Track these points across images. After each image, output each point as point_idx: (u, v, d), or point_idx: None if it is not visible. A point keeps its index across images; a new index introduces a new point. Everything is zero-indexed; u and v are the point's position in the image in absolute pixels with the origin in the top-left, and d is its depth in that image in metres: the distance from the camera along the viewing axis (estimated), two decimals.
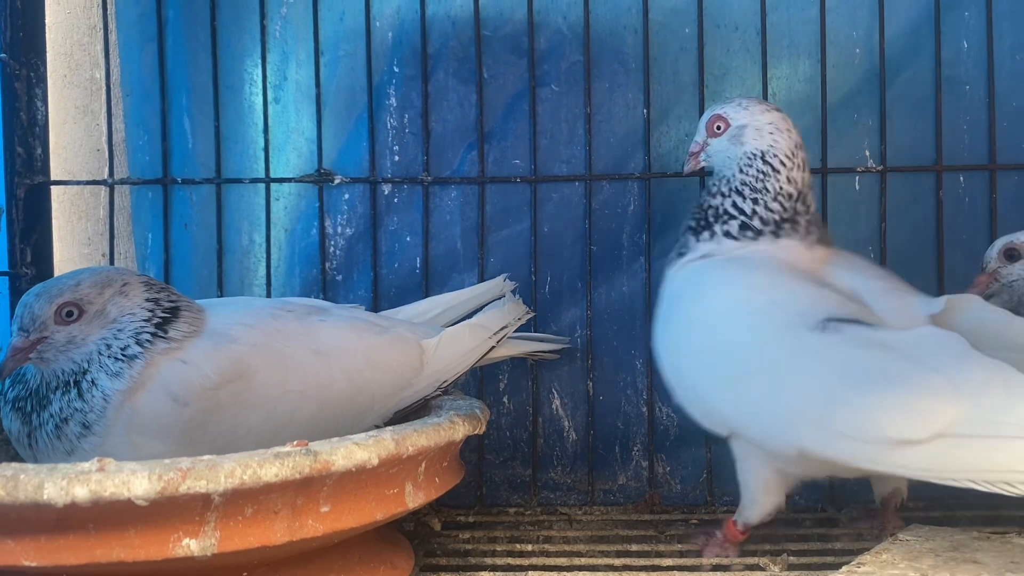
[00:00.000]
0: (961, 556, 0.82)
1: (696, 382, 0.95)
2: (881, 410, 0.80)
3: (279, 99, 1.27)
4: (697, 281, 0.99)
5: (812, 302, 0.90)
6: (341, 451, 0.70)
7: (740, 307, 0.93)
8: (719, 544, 1.00)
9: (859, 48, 1.23)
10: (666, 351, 0.98)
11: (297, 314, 0.98)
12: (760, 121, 1.02)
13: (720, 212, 1.01)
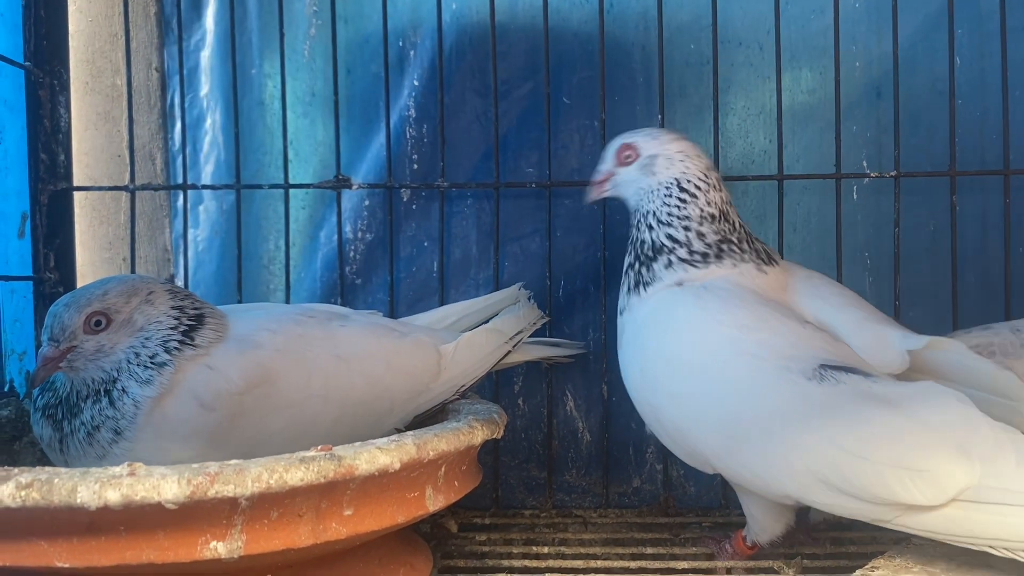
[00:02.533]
0: (975, 560, 0.83)
1: (680, 422, 0.91)
2: (892, 474, 0.78)
3: (308, 114, 1.30)
4: (672, 313, 0.95)
5: (802, 345, 0.88)
6: (364, 455, 0.71)
7: (728, 347, 0.89)
8: (728, 556, 1.00)
9: (858, 62, 1.26)
10: (642, 385, 0.95)
11: (318, 320, 0.99)
12: (670, 150, 1.01)
13: (658, 246, 0.99)
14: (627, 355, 0.97)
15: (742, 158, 1.28)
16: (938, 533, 0.78)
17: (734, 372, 0.88)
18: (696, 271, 0.97)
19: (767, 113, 1.27)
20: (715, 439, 0.88)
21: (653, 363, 0.93)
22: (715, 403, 0.88)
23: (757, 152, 1.28)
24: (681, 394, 0.91)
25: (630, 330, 0.98)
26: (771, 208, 1.23)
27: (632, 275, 1.00)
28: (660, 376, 0.93)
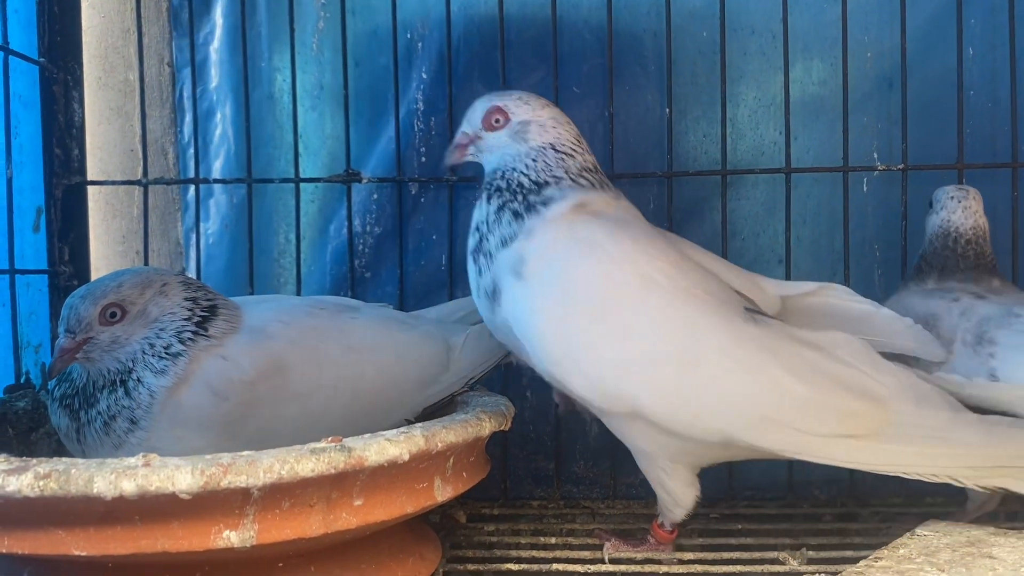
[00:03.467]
0: (977, 551, 0.83)
1: (598, 361, 0.87)
2: (829, 407, 0.85)
3: (316, 107, 1.31)
4: (583, 248, 0.90)
5: (722, 288, 0.92)
6: (374, 447, 0.72)
7: (655, 286, 0.88)
8: (653, 548, 0.98)
9: (870, 52, 1.25)
10: (546, 320, 0.88)
11: (329, 312, 1.01)
12: (542, 116, 0.98)
13: (542, 181, 0.94)
14: (532, 302, 0.89)
15: (752, 150, 1.28)
16: (859, 463, 0.87)
17: (675, 312, 0.87)
18: (588, 196, 0.94)
19: (779, 104, 1.27)
20: (639, 376, 0.86)
21: (573, 305, 0.88)
22: (643, 340, 0.87)
23: (767, 144, 1.28)
24: (600, 332, 0.87)
25: (533, 274, 0.89)
26: (781, 200, 1.24)
27: (507, 218, 0.93)
28: (574, 312, 0.88)
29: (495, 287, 0.92)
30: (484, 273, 0.94)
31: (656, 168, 1.27)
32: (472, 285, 0.97)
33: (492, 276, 0.93)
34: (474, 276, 0.96)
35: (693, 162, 1.27)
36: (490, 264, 0.93)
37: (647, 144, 1.28)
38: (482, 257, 0.94)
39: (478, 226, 0.96)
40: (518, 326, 0.90)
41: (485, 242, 0.94)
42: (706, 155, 1.28)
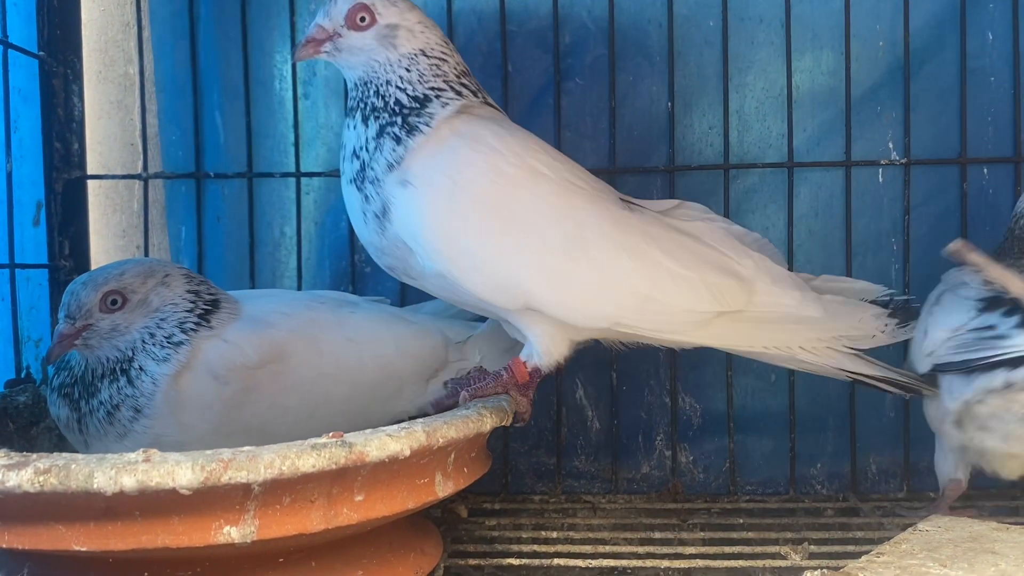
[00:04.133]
0: (979, 547, 0.83)
1: (493, 254, 0.89)
2: (704, 285, 0.92)
3: (308, 95, 1.29)
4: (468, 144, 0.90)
5: (597, 179, 0.96)
6: (375, 442, 0.72)
7: (541, 177, 0.91)
8: (502, 384, 0.94)
9: (882, 41, 1.23)
10: (439, 219, 0.88)
11: (329, 305, 1.02)
12: (410, 20, 0.94)
13: (421, 96, 0.92)
14: (423, 205, 0.89)
15: (759, 142, 1.26)
16: (727, 342, 0.96)
17: (561, 201, 0.91)
18: (468, 103, 0.94)
19: (787, 95, 1.25)
20: (546, 271, 0.89)
21: (465, 201, 0.89)
22: (544, 234, 0.89)
23: (775, 136, 1.26)
24: (493, 227, 0.89)
25: (421, 178, 0.89)
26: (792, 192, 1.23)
27: (389, 144, 0.91)
28: (475, 213, 0.89)
29: (385, 207, 0.90)
30: (372, 199, 0.91)
31: (659, 162, 1.26)
32: (354, 211, 0.94)
33: (382, 200, 0.90)
34: (358, 203, 0.93)
35: (699, 155, 1.27)
36: (379, 190, 0.91)
37: (651, 137, 1.27)
38: (368, 185, 0.91)
39: (356, 152, 0.93)
40: (410, 233, 0.89)
41: (369, 169, 0.91)
42: (711, 148, 1.27)
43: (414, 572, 0.86)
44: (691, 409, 1.27)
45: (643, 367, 1.27)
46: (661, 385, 1.27)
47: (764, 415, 1.25)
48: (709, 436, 1.26)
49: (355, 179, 0.93)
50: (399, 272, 0.95)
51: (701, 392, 1.26)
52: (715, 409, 1.26)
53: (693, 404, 1.27)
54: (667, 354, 1.26)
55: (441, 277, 0.90)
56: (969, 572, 0.77)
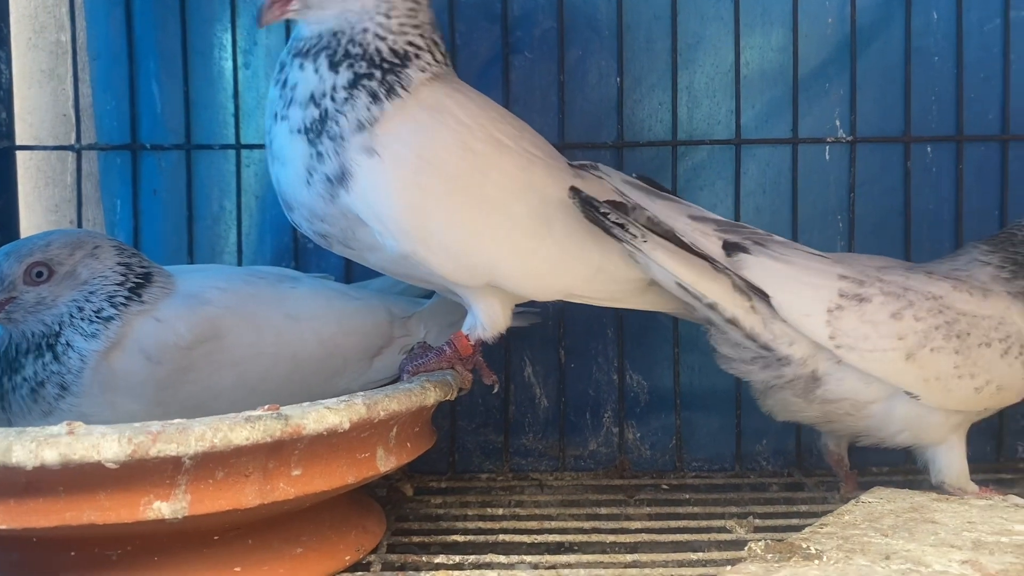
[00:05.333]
0: (920, 517, 0.84)
1: (459, 232, 0.87)
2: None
3: (249, 64, 1.25)
4: (435, 116, 0.87)
5: (550, 147, 0.96)
6: (312, 415, 0.70)
7: (506, 150, 0.89)
8: (446, 359, 0.93)
9: (831, 18, 1.23)
10: (405, 194, 0.85)
11: (268, 281, 1.00)
12: None
13: (401, 52, 0.87)
14: (390, 179, 0.84)
15: (708, 119, 1.25)
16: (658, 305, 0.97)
17: (525, 174, 0.90)
18: (440, 69, 0.90)
19: (736, 72, 1.24)
20: (513, 247, 0.89)
21: (432, 176, 0.86)
22: (510, 208, 0.88)
23: (724, 113, 1.25)
24: (473, 204, 0.87)
25: (387, 149, 0.84)
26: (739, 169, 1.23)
27: (363, 99, 0.85)
28: (442, 189, 0.86)
29: (343, 171, 0.83)
30: (328, 159, 0.83)
31: (609, 137, 1.25)
32: (293, 167, 0.85)
33: (341, 162, 0.83)
34: (303, 159, 0.84)
35: (648, 131, 1.25)
36: (340, 149, 0.83)
37: (600, 112, 1.25)
38: (326, 140, 0.83)
39: (316, 98, 0.84)
40: (374, 211, 0.84)
41: (332, 123, 0.84)
42: (661, 124, 1.26)
43: (355, 549, 0.84)
44: (638, 386, 1.26)
45: (591, 344, 1.26)
46: (609, 362, 1.26)
47: (711, 392, 1.25)
48: (656, 413, 1.26)
49: (308, 129, 0.84)
50: (334, 240, 0.89)
51: (648, 369, 1.26)
52: (662, 386, 1.26)
53: (640, 381, 1.26)
54: (615, 332, 1.26)
55: (404, 256, 0.87)
56: (910, 541, 0.78)
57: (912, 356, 0.91)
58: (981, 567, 0.71)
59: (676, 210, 0.93)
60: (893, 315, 0.91)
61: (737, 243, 0.91)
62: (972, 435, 1.21)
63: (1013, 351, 0.94)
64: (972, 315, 0.93)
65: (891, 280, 0.94)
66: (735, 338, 0.93)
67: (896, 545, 0.76)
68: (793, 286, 0.90)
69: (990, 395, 0.94)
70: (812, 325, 0.90)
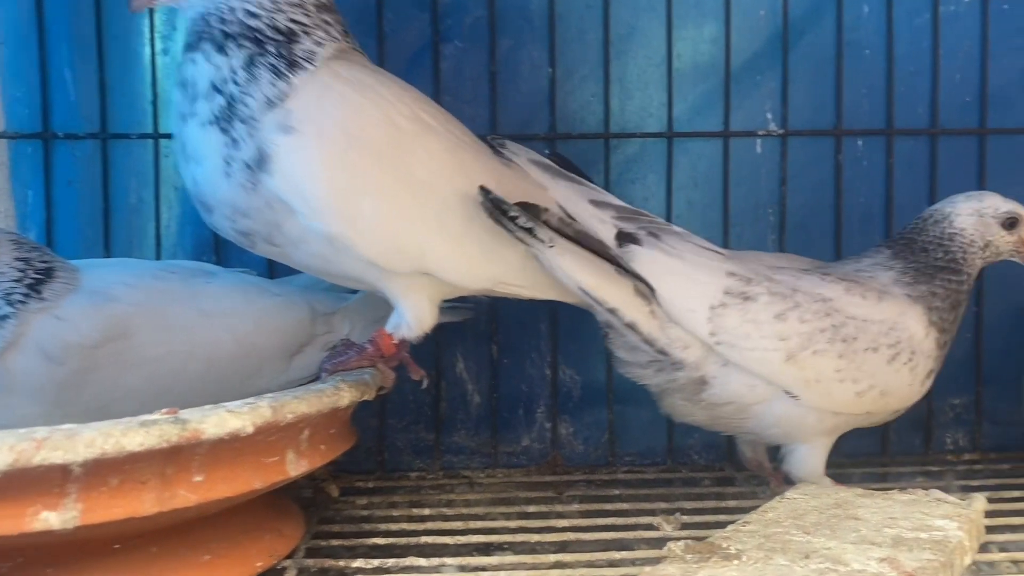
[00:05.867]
0: (843, 513, 0.84)
1: (389, 213, 0.84)
2: None
3: (168, 50, 1.21)
4: (358, 92, 0.84)
5: (471, 132, 0.94)
6: (213, 419, 0.67)
7: (432, 130, 0.87)
8: (367, 357, 0.90)
9: (763, 11, 1.23)
10: (331, 174, 0.82)
11: (181, 275, 0.96)
12: None
13: (284, 29, 0.83)
14: (313, 158, 0.82)
15: (640, 111, 1.24)
16: None
17: (452, 156, 0.88)
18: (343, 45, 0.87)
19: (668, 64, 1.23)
20: (443, 230, 0.86)
21: (359, 154, 0.83)
22: (440, 190, 0.86)
23: (656, 105, 1.23)
24: (402, 185, 0.85)
25: (307, 126, 0.81)
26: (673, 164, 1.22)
27: (266, 75, 0.82)
28: (370, 168, 0.83)
29: (262, 154, 0.81)
30: (243, 143, 0.81)
31: (541, 129, 1.23)
32: (210, 161, 0.82)
33: (257, 144, 0.80)
34: (220, 150, 0.81)
35: (580, 123, 1.24)
36: (254, 131, 0.81)
37: (533, 104, 1.23)
38: (239, 125, 0.81)
39: (217, 86, 0.82)
40: (299, 190, 0.81)
41: (241, 105, 0.81)
42: (593, 116, 1.24)
43: (268, 555, 0.82)
44: (571, 381, 1.25)
45: (524, 340, 1.25)
46: (542, 357, 1.25)
47: (643, 386, 1.24)
48: (589, 408, 1.25)
49: (218, 118, 0.81)
50: (259, 239, 0.86)
51: (582, 364, 1.25)
52: (595, 381, 1.24)
53: (574, 376, 1.25)
54: (549, 326, 1.24)
55: (330, 241, 0.83)
56: (831, 539, 0.77)
57: (793, 357, 0.91)
58: (898, 565, 0.71)
59: (578, 193, 0.92)
60: (777, 315, 0.91)
61: (630, 233, 0.90)
62: (901, 427, 1.23)
63: (902, 357, 0.93)
64: (862, 319, 0.93)
65: (781, 280, 0.93)
66: (633, 342, 0.92)
67: (817, 543, 0.76)
68: (679, 281, 0.90)
69: (873, 400, 0.94)
70: (694, 321, 0.90)
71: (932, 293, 0.95)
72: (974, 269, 0.98)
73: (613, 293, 0.89)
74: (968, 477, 1.18)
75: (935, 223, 0.98)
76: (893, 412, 0.98)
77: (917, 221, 1.00)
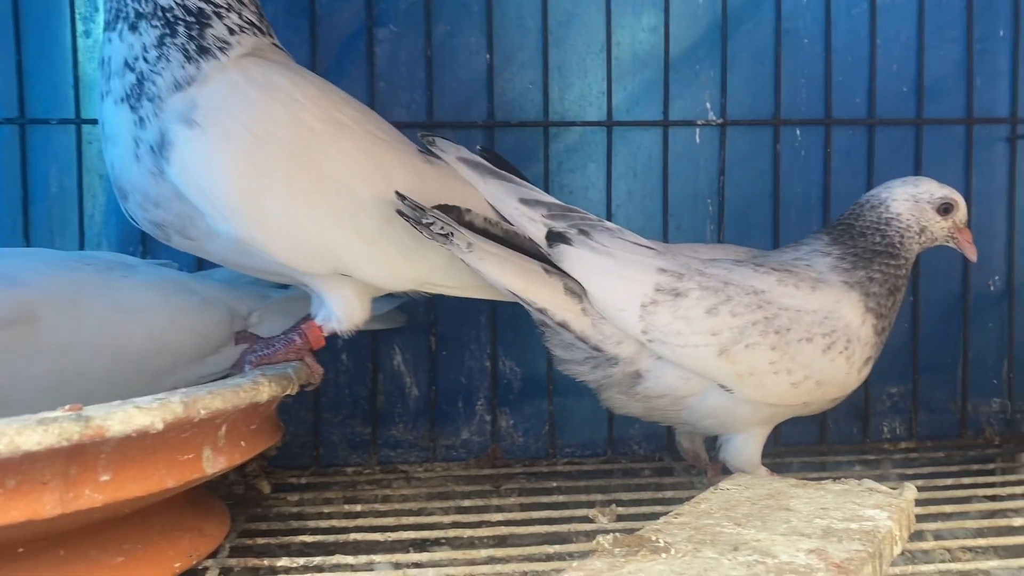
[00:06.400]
0: (776, 503, 0.83)
1: (301, 214, 0.82)
2: None
3: (90, 33, 1.16)
4: (267, 92, 0.83)
5: (395, 130, 0.92)
6: (119, 415, 0.64)
7: (346, 129, 0.85)
8: (294, 349, 0.88)
9: None
10: (237, 174, 0.80)
11: (97, 267, 0.93)
12: None
13: (206, 12, 0.83)
14: (217, 155, 0.80)
15: (579, 100, 1.23)
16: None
17: (368, 156, 0.86)
18: (261, 42, 0.86)
19: (607, 52, 1.22)
20: (358, 230, 0.85)
21: (267, 154, 0.81)
22: (354, 191, 0.84)
23: (595, 94, 1.23)
24: (314, 186, 0.83)
25: (211, 121, 0.80)
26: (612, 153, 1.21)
27: (176, 56, 0.81)
28: (280, 169, 0.81)
29: (163, 139, 0.79)
30: (149, 123, 0.80)
31: (479, 117, 1.21)
32: (121, 143, 0.82)
33: (160, 126, 0.79)
34: (128, 128, 0.81)
35: (519, 111, 1.22)
36: (159, 111, 0.80)
37: (471, 91, 1.21)
38: (146, 103, 0.80)
39: (130, 63, 0.81)
40: (201, 189, 0.79)
41: (149, 83, 0.80)
42: (532, 104, 1.22)
43: (187, 555, 0.79)
44: (512, 373, 1.23)
45: (463, 331, 1.23)
46: (482, 349, 1.23)
47: None
48: (530, 399, 1.24)
49: (128, 95, 0.80)
50: (172, 231, 0.84)
51: (522, 355, 1.23)
52: (536, 372, 1.23)
53: (514, 368, 1.23)
54: (488, 318, 1.22)
55: (240, 242, 0.82)
56: (761, 530, 0.76)
57: (726, 352, 0.90)
58: (827, 556, 0.70)
59: (507, 192, 0.90)
60: (708, 310, 0.90)
61: (561, 233, 0.88)
62: (839, 416, 1.24)
63: (837, 346, 0.93)
64: (795, 309, 0.92)
65: (712, 274, 0.92)
66: (567, 340, 0.91)
67: (747, 535, 0.75)
68: (609, 280, 0.89)
69: (809, 390, 0.93)
70: (626, 319, 0.88)
71: (870, 278, 0.95)
72: (911, 254, 0.98)
73: (542, 293, 0.88)
74: (904, 465, 1.20)
75: (872, 208, 0.98)
76: (831, 401, 0.98)
77: (854, 207, 1.00)
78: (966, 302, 1.26)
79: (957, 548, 0.88)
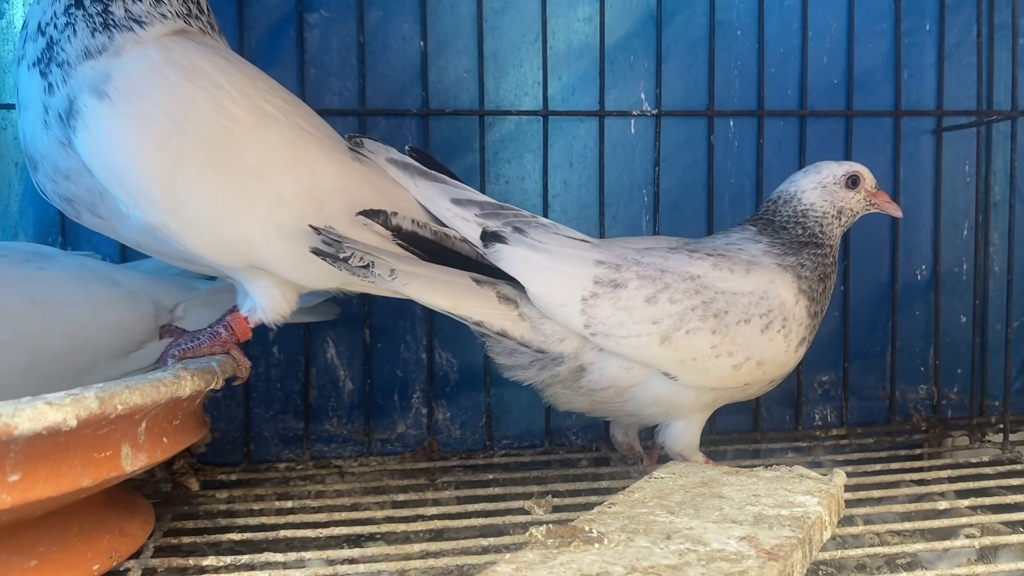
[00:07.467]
0: (708, 491, 0.83)
1: (218, 203, 0.80)
2: None
3: (4, 13, 1.11)
4: (189, 76, 0.80)
5: (326, 125, 0.91)
6: (28, 412, 0.61)
7: (273, 121, 0.83)
8: (220, 342, 0.86)
9: None
10: (148, 156, 0.77)
11: (12, 259, 0.88)
12: None
13: None
14: (127, 132, 0.77)
15: (515, 89, 1.22)
16: None
17: (293, 149, 0.83)
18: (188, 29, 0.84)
19: (543, 41, 1.21)
20: (277, 223, 0.81)
21: (185, 140, 0.78)
22: (275, 183, 0.82)
23: (531, 83, 1.22)
24: (233, 176, 0.80)
25: (125, 96, 0.77)
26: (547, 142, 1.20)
27: (85, 25, 0.79)
28: (197, 156, 0.78)
29: (71, 106, 0.76)
30: (57, 89, 0.77)
31: (413, 105, 1.19)
32: (31, 108, 0.79)
33: (68, 93, 0.77)
34: (38, 93, 0.78)
35: (454, 99, 1.20)
36: (67, 77, 0.78)
37: (404, 78, 1.19)
38: (55, 68, 0.78)
39: (42, 27, 0.79)
40: (111, 168, 0.76)
41: (59, 49, 0.78)
42: (467, 92, 1.21)
43: (107, 556, 0.76)
44: (448, 364, 1.22)
45: (399, 323, 1.21)
46: (418, 341, 1.21)
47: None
48: (467, 391, 1.23)
49: (39, 60, 0.78)
50: (82, 208, 0.81)
51: (458, 347, 1.22)
52: (472, 364, 1.22)
53: (450, 359, 1.22)
54: (424, 309, 1.19)
55: (153, 229, 0.78)
56: (694, 518, 0.76)
57: (668, 339, 0.90)
58: (757, 543, 0.71)
59: (439, 192, 0.88)
60: (648, 299, 0.90)
61: (496, 232, 0.87)
62: (772, 404, 1.25)
63: (775, 325, 0.94)
64: (732, 292, 0.93)
65: (648, 263, 0.92)
66: (510, 346, 0.91)
67: (680, 523, 0.75)
68: (548, 276, 0.88)
69: (750, 371, 0.94)
70: (567, 315, 0.88)
71: (801, 264, 0.96)
72: (836, 239, 1.00)
73: (475, 307, 0.87)
74: (835, 452, 1.22)
75: (785, 203, 1.00)
76: (770, 382, 0.99)
77: (768, 203, 1.01)
78: (894, 291, 1.28)
79: (885, 532, 0.90)
